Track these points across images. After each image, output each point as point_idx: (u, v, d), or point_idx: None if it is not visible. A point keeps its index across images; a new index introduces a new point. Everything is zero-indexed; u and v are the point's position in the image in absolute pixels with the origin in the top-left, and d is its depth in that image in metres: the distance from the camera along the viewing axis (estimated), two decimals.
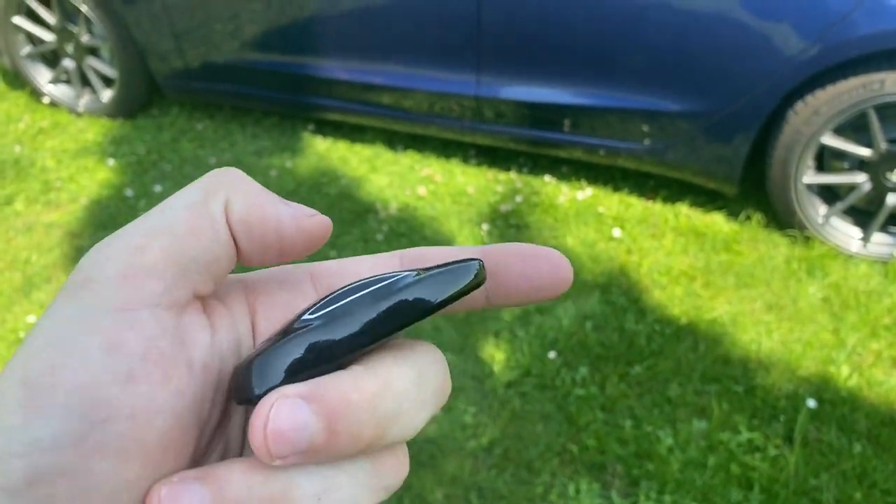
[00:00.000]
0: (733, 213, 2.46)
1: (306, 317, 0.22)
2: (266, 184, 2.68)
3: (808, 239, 2.29)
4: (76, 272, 0.23)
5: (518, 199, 2.57)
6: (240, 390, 0.22)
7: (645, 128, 2.30)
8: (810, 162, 2.19)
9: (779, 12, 2.02)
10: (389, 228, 2.44)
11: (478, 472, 1.68)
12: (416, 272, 0.22)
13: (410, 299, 0.21)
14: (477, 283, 0.22)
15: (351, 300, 0.22)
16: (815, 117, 2.09)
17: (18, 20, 3.01)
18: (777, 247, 2.32)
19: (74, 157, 2.89)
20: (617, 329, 2.03)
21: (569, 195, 2.58)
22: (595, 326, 2.04)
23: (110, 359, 0.21)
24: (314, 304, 0.23)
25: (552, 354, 1.95)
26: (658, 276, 2.22)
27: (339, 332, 0.21)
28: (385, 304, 0.21)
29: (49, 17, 2.98)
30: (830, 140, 2.14)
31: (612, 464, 1.69)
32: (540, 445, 1.73)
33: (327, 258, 2.30)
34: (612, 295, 2.15)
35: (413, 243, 2.37)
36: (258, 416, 0.20)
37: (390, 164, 2.79)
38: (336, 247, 2.36)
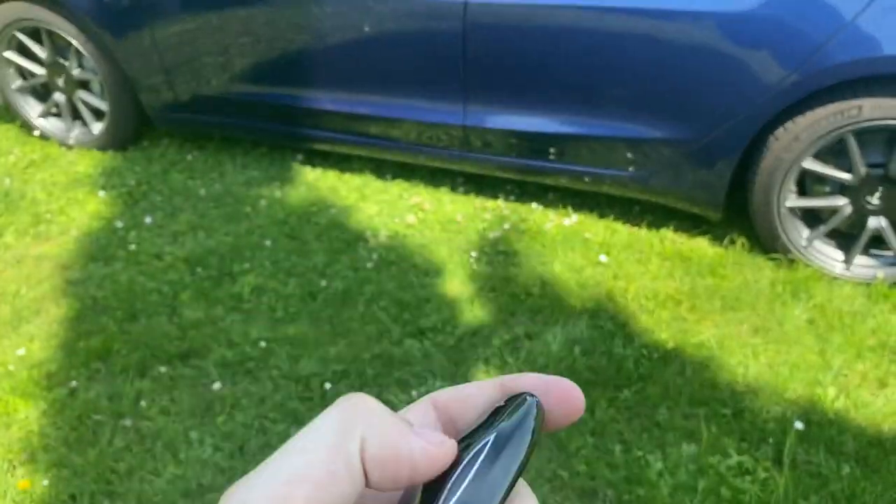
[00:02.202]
0: (717, 238, 2.49)
1: None
2: (256, 213, 2.70)
3: (791, 262, 2.32)
4: None
5: (506, 226, 2.60)
6: None
7: (629, 155, 2.34)
8: (792, 186, 2.23)
9: (758, 42, 2.07)
10: (379, 257, 2.45)
11: None
12: (494, 433, 0.27)
13: (509, 458, 0.27)
14: (542, 416, 0.27)
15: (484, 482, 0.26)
16: (796, 143, 2.14)
17: (9, 54, 3.04)
18: (761, 270, 2.35)
19: (65, 189, 2.90)
20: (605, 354, 2.04)
21: (556, 222, 2.61)
22: (583, 351, 2.05)
23: None
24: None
25: None
26: (645, 300, 2.24)
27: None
28: (501, 476, 0.26)
29: (40, 51, 3.01)
30: (811, 164, 2.18)
31: (602, 489, 1.70)
32: (531, 472, 1.74)
33: (318, 287, 2.31)
34: (600, 320, 2.16)
35: (403, 271, 2.38)
36: None
37: (379, 193, 2.81)
38: (326, 276, 2.37)
